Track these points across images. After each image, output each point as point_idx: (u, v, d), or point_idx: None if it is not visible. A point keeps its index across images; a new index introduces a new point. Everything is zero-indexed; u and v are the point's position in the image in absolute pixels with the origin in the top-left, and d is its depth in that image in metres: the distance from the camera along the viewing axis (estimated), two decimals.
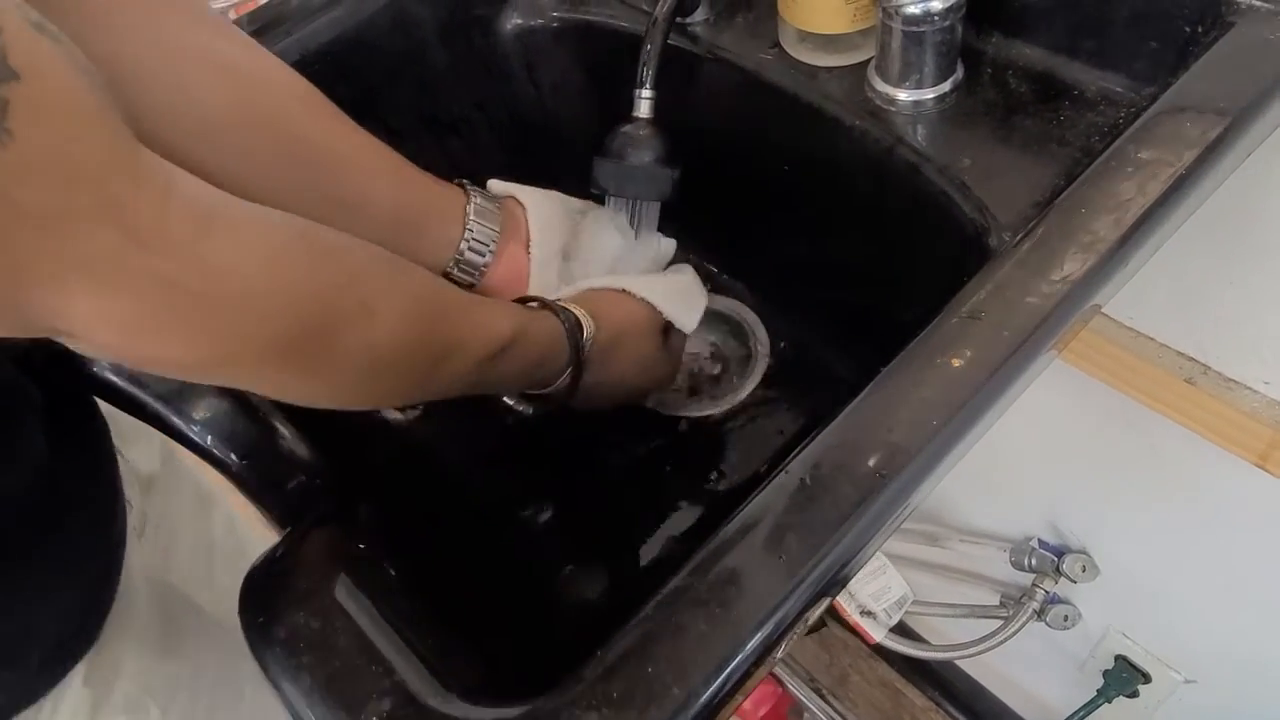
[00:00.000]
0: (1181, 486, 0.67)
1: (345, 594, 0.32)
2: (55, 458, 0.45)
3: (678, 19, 0.57)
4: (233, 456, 0.45)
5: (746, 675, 0.28)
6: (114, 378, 0.44)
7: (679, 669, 0.28)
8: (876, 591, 0.86)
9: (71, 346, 0.29)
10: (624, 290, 0.52)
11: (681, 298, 0.54)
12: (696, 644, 0.28)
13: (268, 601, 0.32)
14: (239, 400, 0.46)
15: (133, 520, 0.55)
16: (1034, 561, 0.84)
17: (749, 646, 0.28)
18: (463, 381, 0.43)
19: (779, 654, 0.30)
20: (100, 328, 0.28)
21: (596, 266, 0.56)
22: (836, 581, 0.30)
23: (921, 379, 0.35)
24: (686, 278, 0.57)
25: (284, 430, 0.46)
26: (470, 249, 0.51)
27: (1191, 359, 0.58)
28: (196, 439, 0.45)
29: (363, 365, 0.37)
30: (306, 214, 0.41)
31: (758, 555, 0.30)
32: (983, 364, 0.35)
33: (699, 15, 0.59)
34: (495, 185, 0.55)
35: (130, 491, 0.55)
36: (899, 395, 0.34)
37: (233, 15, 1.24)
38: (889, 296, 0.54)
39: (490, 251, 0.52)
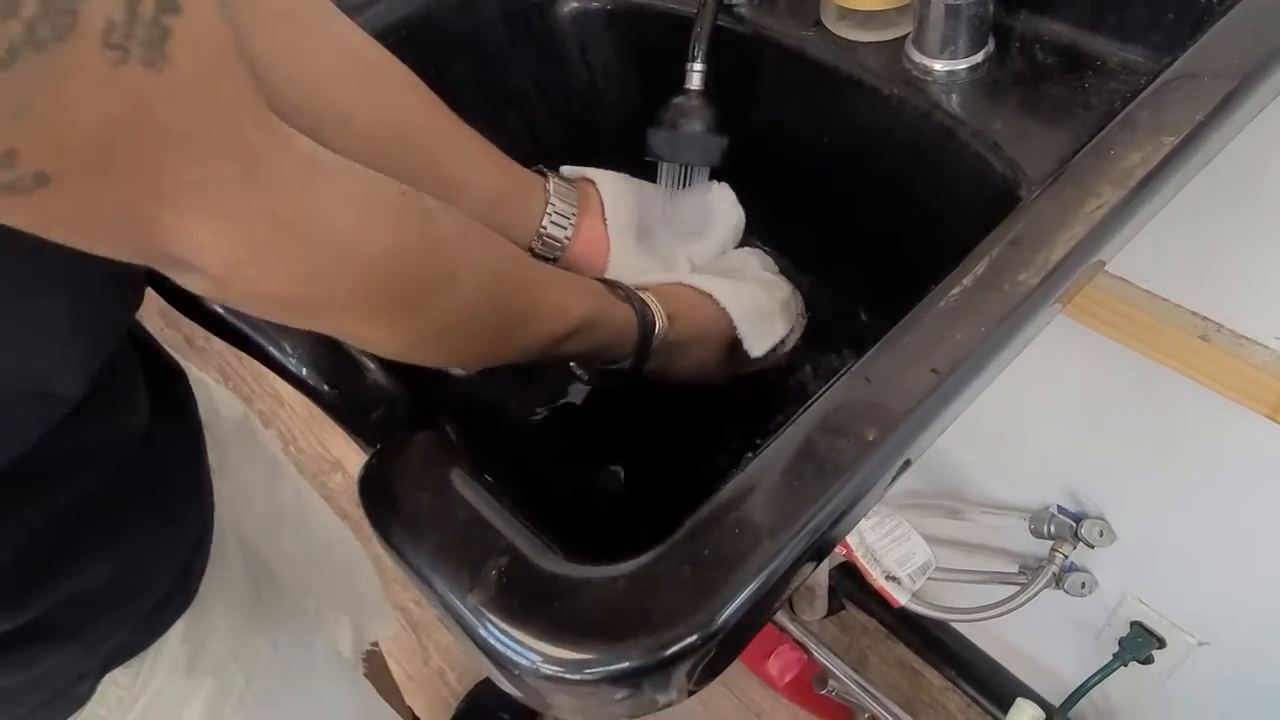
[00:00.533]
0: (1195, 444, 0.70)
1: (455, 477, 0.36)
2: (154, 417, 0.49)
3: (725, 1, 0.62)
4: (325, 386, 0.49)
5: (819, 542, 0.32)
6: (221, 310, 0.49)
7: (757, 531, 0.32)
8: (901, 557, 0.89)
9: (180, 280, 0.32)
10: (710, 295, 0.55)
11: (762, 321, 0.56)
12: (768, 511, 0.33)
13: (388, 484, 0.37)
14: (330, 337, 0.50)
15: (219, 486, 0.59)
16: (1053, 528, 0.87)
17: (818, 517, 0.32)
18: (530, 353, 0.46)
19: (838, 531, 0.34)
20: (211, 255, 0.30)
21: (703, 254, 0.60)
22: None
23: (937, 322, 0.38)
24: (776, 300, 0.58)
25: (369, 364, 0.50)
26: (552, 223, 0.56)
27: (1205, 318, 0.62)
28: (293, 370, 0.49)
29: (438, 325, 0.40)
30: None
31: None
32: (989, 316, 0.38)
33: None
34: (568, 170, 0.60)
35: (212, 457, 0.58)
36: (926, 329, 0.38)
37: None
38: (924, 256, 0.58)
39: (570, 224, 0.57)
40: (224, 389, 0.69)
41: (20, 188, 0.25)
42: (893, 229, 0.59)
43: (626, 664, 0.30)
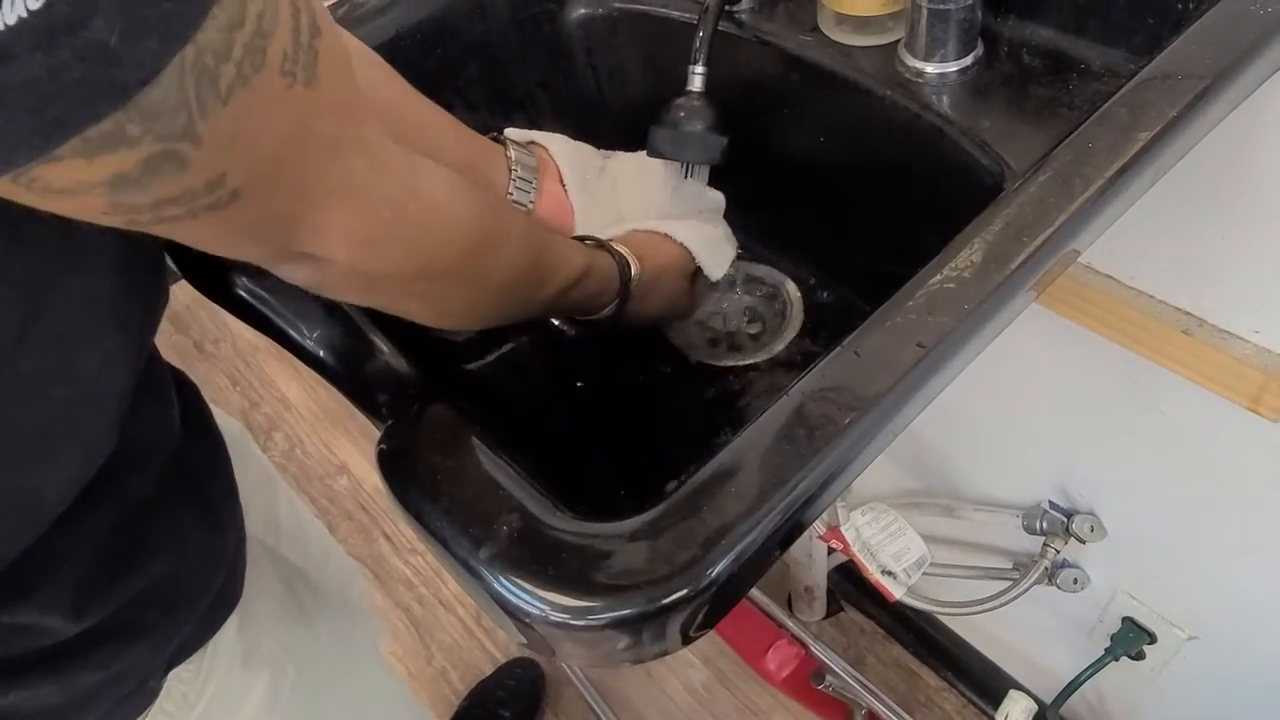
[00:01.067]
0: (1181, 438, 0.72)
1: (467, 443, 0.39)
2: (184, 421, 0.51)
3: (727, 7, 0.65)
4: (340, 367, 0.51)
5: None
6: (246, 295, 0.51)
7: (750, 490, 0.34)
8: (897, 552, 0.91)
9: (282, 272, 0.36)
10: (666, 235, 0.59)
11: (714, 248, 0.61)
12: (761, 473, 0.35)
13: (403, 451, 0.39)
14: (346, 321, 0.53)
15: None
16: (1045, 524, 0.89)
17: (808, 479, 0.35)
18: (544, 306, 0.50)
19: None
20: (343, 243, 0.34)
21: (646, 206, 0.63)
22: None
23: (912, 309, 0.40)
24: (720, 230, 0.64)
25: (382, 347, 0.52)
26: (518, 188, 0.59)
27: (1188, 313, 0.64)
28: (310, 350, 0.51)
29: (497, 284, 0.44)
30: None
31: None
32: (970, 298, 0.40)
33: (745, 4, 0.66)
34: (512, 133, 0.62)
35: None
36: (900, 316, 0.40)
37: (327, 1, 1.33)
38: (916, 251, 0.61)
39: (532, 187, 0.59)
40: (219, 409, 0.71)
41: (220, 204, 0.29)
42: (887, 222, 0.62)
43: (627, 611, 0.32)
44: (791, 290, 0.71)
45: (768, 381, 0.67)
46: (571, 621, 0.33)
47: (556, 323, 0.62)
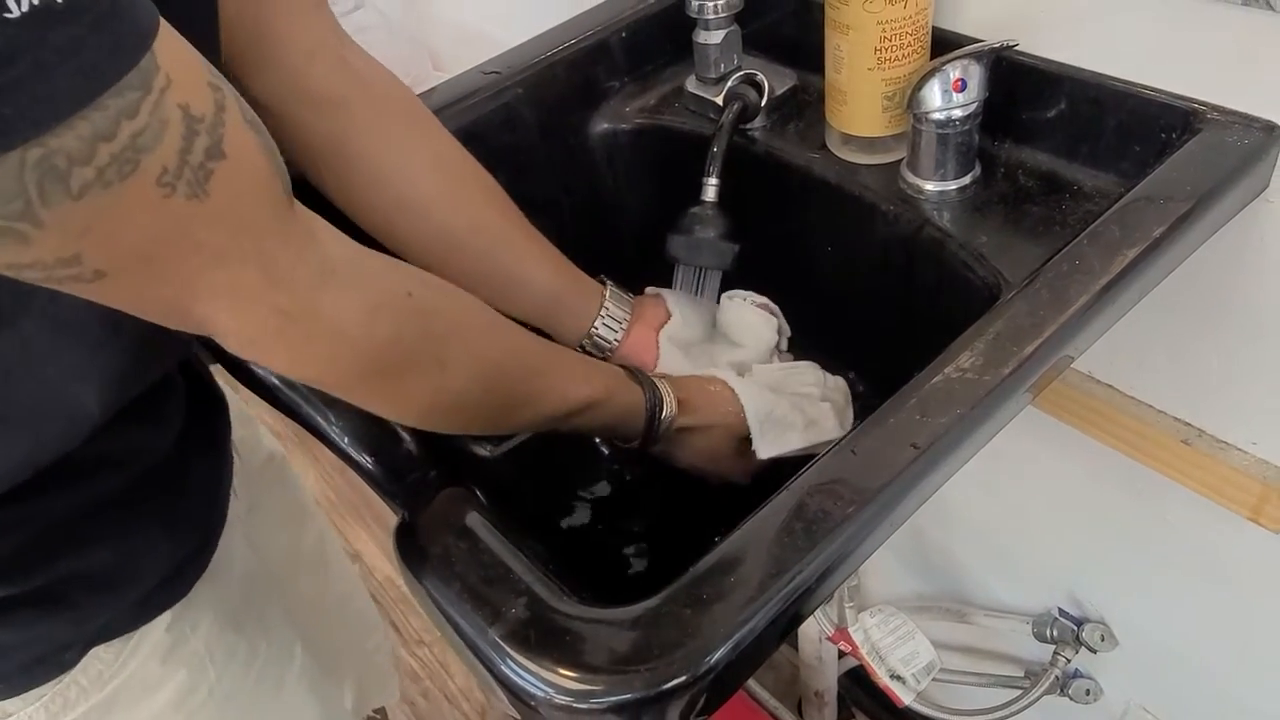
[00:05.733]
0: (1183, 546, 0.73)
1: (482, 527, 0.40)
2: (185, 436, 0.56)
3: (740, 125, 0.69)
4: (365, 455, 0.54)
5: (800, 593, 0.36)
6: (277, 382, 0.54)
7: (749, 580, 0.36)
8: (906, 656, 0.91)
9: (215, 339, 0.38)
10: (732, 390, 0.58)
11: (775, 426, 0.58)
12: (761, 563, 0.36)
13: (420, 533, 0.41)
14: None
15: (237, 508, 0.64)
16: (1055, 632, 0.89)
17: (805, 571, 0.36)
18: (533, 427, 0.53)
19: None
20: (228, 338, 0.37)
21: (719, 350, 0.65)
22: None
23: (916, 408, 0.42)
24: (802, 413, 0.60)
25: (405, 435, 0.55)
26: (604, 325, 0.62)
27: (1187, 424, 0.66)
28: (335, 439, 0.54)
29: (430, 405, 0.45)
30: (479, 285, 0.53)
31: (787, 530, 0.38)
32: (965, 401, 0.42)
33: (758, 122, 0.71)
34: (650, 291, 0.67)
35: (239, 481, 0.65)
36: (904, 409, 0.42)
37: None
38: (917, 352, 0.63)
39: (621, 329, 0.63)
40: (268, 432, 0.75)
41: (83, 279, 0.32)
42: (888, 324, 0.64)
43: (628, 695, 0.34)
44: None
45: (771, 478, 0.68)
46: (574, 704, 0.34)
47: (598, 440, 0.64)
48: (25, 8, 0.25)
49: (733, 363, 0.65)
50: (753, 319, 0.66)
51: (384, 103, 0.57)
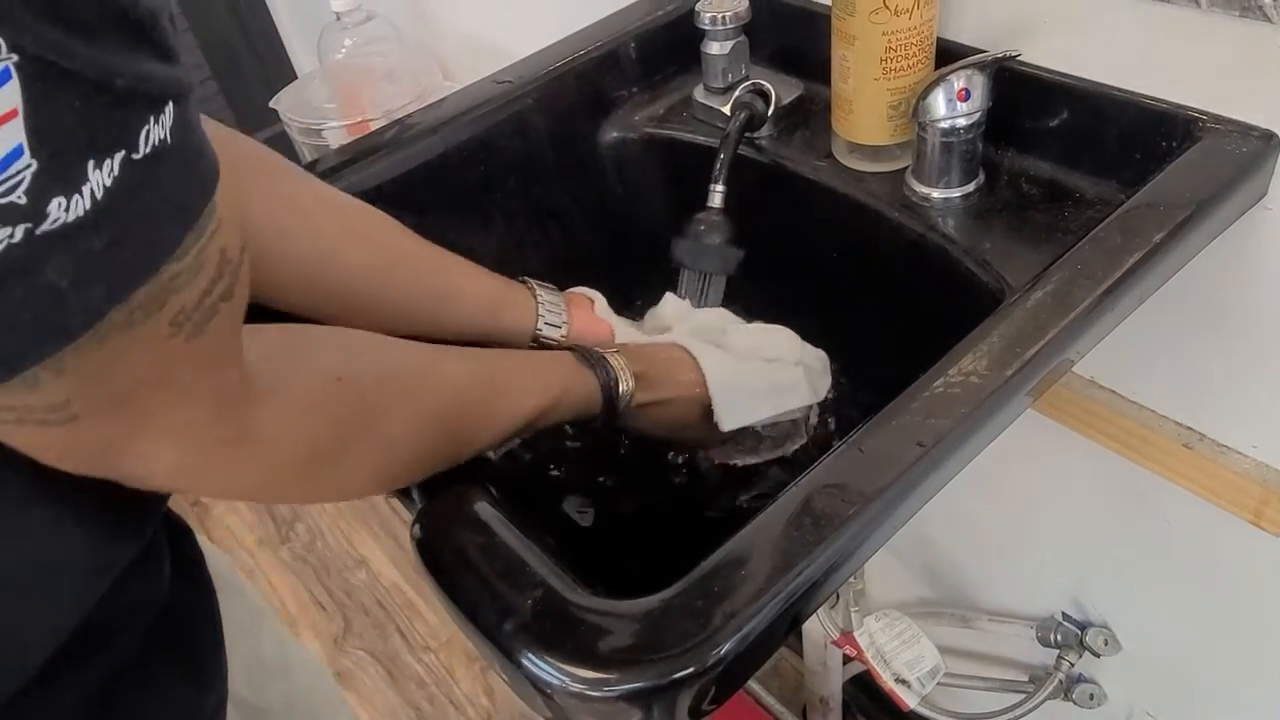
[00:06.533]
0: (1186, 549, 0.73)
1: (497, 521, 0.41)
2: (171, 577, 0.50)
3: (747, 134, 0.70)
4: None
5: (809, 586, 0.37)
6: None
7: (758, 574, 0.37)
8: (910, 660, 0.91)
9: (120, 481, 0.34)
10: (695, 359, 0.58)
11: (740, 396, 0.57)
12: (770, 558, 0.37)
13: (439, 525, 0.42)
14: None
15: None
16: (1059, 636, 0.89)
17: (813, 565, 0.37)
18: (492, 447, 0.50)
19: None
20: (162, 471, 0.33)
21: (698, 328, 0.63)
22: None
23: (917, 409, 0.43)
24: (768, 380, 0.60)
25: None
26: (548, 312, 0.61)
27: (1189, 428, 0.67)
28: None
29: (377, 478, 0.43)
30: (414, 311, 0.51)
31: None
32: (968, 402, 0.43)
33: (765, 131, 0.72)
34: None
35: None
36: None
37: (346, 136, 1.42)
38: (921, 356, 0.64)
39: (563, 311, 0.62)
40: (211, 545, 0.69)
41: (50, 424, 0.29)
42: (892, 330, 0.65)
43: (639, 684, 0.35)
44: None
45: (779, 476, 0.69)
46: (587, 692, 0.35)
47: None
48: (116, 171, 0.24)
49: (696, 328, 0.63)
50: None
51: (243, 159, 0.50)
